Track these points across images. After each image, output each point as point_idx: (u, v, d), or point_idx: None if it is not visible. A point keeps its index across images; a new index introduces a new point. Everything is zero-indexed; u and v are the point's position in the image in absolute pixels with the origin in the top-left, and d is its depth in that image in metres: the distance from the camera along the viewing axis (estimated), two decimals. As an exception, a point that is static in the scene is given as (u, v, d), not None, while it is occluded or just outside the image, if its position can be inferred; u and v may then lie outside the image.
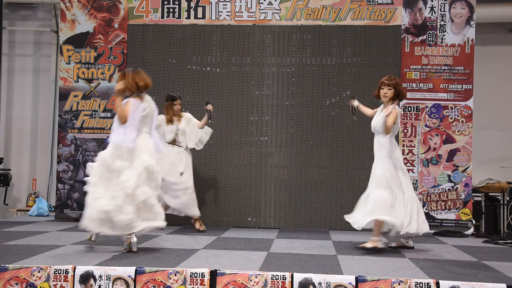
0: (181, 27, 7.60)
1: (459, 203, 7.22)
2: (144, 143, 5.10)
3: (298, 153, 7.46)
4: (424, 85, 7.35)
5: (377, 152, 5.56)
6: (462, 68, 7.32)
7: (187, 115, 6.83)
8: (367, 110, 5.95)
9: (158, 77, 7.55)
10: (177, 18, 7.59)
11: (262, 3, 7.51)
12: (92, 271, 3.83)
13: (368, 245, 5.35)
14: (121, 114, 5.02)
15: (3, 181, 8.47)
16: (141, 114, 5.10)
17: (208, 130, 6.94)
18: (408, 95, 7.33)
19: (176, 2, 7.59)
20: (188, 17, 7.58)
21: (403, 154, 7.30)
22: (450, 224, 7.21)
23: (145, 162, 4.97)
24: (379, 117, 5.56)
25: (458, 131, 7.27)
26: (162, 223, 5.06)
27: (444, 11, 7.34)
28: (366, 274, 3.94)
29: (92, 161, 5.21)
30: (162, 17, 7.60)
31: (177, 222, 7.37)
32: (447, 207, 7.23)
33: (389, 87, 5.51)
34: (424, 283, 3.68)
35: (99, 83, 7.63)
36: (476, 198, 7.52)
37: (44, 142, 8.90)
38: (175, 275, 3.80)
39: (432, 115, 7.31)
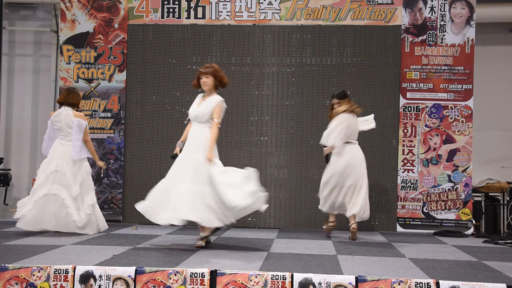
0: (181, 27, 7.60)
1: (459, 203, 7.22)
2: (55, 150, 6.15)
3: (298, 153, 7.47)
4: (424, 85, 7.35)
5: (195, 140, 5.35)
6: (462, 68, 7.32)
7: None
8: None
9: (158, 77, 7.56)
10: (177, 18, 7.59)
11: (262, 3, 7.51)
12: (92, 271, 3.83)
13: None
14: None
15: (3, 181, 8.46)
16: (51, 127, 6.22)
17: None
18: (408, 95, 7.35)
19: (176, 2, 7.59)
20: (188, 17, 7.58)
21: (403, 154, 7.32)
22: (450, 224, 7.21)
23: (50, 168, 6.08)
24: (203, 106, 5.38)
25: (458, 131, 7.28)
26: None
27: (444, 11, 7.34)
28: (366, 274, 3.94)
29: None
30: (162, 17, 7.60)
31: (177, 222, 7.37)
32: (447, 207, 7.23)
33: (206, 75, 5.39)
34: (424, 283, 3.67)
35: (99, 83, 7.63)
36: (476, 198, 7.52)
37: (44, 142, 8.89)
38: (175, 275, 3.80)
39: (432, 115, 7.31)
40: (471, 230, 7.15)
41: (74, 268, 3.83)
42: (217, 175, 5.11)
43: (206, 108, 5.37)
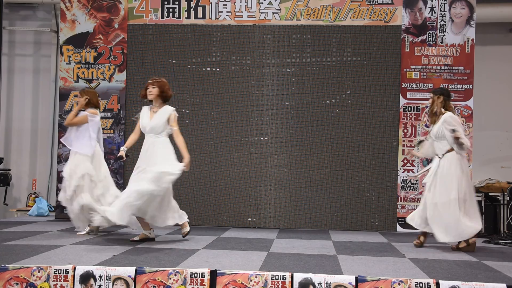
0: (181, 27, 7.60)
1: (459, 203, 7.20)
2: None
3: (298, 153, 7.47)
4: (424, 85, 7.35)
5: (154, 153, 5.59)
6: (462, 68, 7.32)
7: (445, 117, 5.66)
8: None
9: (158, 77, 7.54)
10: (177, 18, 7.59)
11: (262, 3, 7.51)
12: (92, 271, 3.83)
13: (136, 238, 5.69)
14: None
15: (3, 181, 8.47)
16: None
17: None
18: (408, 95, 7.35)
19: (176, 2, 7.59)
20: (188, 17, 7.58)
21: (403, 154, 7.32)
22: (450, 224, 7.20)
23: None
24: (156, 118, 5.58)
25: (458, 131, 7.26)
26: None
27: (444, 11, 7.34)
28: (366, 274, 3.94)
29: None
30: (162, 17, 7.60)
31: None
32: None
33: (153, 86, 5.62)
34: (424, 283, 3.68)
35: (99, 83, 7.63)
36: (476, 198, 7.50)
37: (44, 142, 8.90)
38: (175, 275, 3.80)
39: (432, 115, 7.30)
40: (471, 230, 7.13)
41: (74, 268, 3.84)
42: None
43: (160, 119, 5.58)
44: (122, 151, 5.65)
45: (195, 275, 3.79)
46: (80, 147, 6.04)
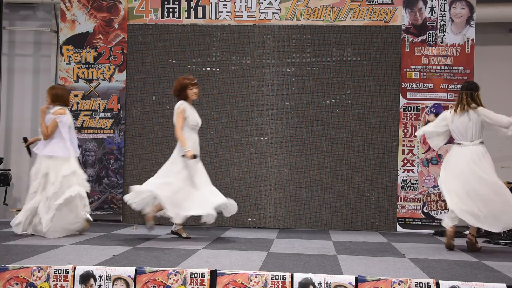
0: (181, 27, 7.60)
1: (459, 203, 7.20)
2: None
3: (298, 153, 7.47)
4: (424, 85, 7.35)
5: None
6: (462, 68, 7.32)
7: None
8: None
9: (158, 77, 7.56)
10: (177, 18, 7.59)
11: (262, 3, 7.51)
12: (92, 271, 3.83)
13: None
14: None
15: (3, 181, 8.46)
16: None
17: None
18: (408, 95, 7.35)
19: (176, 2, 7.59)
20: (188, 17, 7.58)
21: (403, 154, 7.32)
22: (450, 224, 7.19)
23: None
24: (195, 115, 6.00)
25: (458, 131, 7.25)
26: None
27: (444, 11, 7.35)
28: (366, 274, 3.94)
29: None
30: (162, 17, 7.60)
31: (177, 222, 7.37)
32: (447, 207, 7.21)
33: (196, 87, 5.97)
34: (424, 283, 3.67)
35: (99, 83, 7.63)
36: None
37: (44, 142, 8.88)
38: (175, 275, 3.80)
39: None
40: (471, 230, 7.13)
41: (74, 268, 3.84)
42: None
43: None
44: (192, 150, 5.81)
45: (195, 275, 3.79)
46: (52, 150, 6.05)
